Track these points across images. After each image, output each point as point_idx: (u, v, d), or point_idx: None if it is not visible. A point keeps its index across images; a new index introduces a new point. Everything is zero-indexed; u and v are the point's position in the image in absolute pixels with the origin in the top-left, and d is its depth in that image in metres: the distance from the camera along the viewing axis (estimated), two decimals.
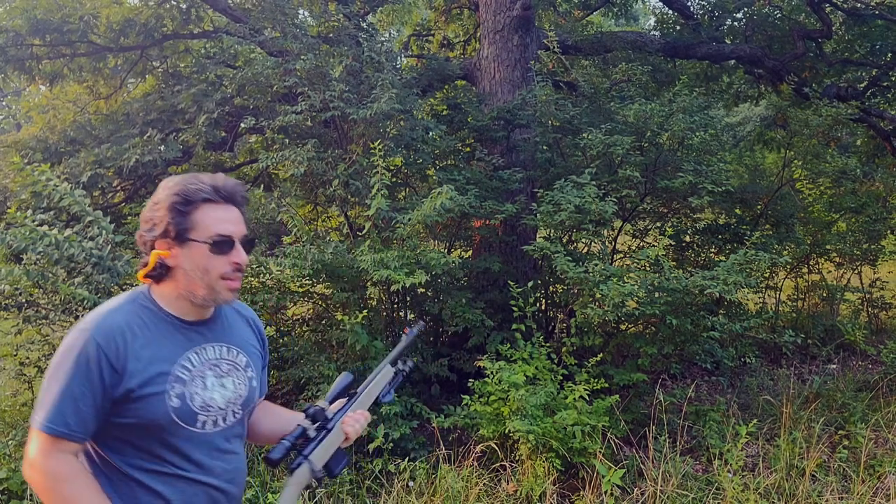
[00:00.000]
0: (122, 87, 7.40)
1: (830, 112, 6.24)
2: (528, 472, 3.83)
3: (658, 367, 5.28)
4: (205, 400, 1.57)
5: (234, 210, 1.59)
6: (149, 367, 1.50)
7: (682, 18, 8.75)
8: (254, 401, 1.72)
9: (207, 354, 1.61)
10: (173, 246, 1.53)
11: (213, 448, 1.60)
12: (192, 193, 1.52)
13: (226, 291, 1.57)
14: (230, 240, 1.55)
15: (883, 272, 8.35)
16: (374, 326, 4.77)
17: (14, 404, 5.22)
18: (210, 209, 1.54)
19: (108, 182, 5.53)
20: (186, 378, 1.55)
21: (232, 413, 1.63)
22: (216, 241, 1.53)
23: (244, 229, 1.60)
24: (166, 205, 1.52)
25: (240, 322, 1.76)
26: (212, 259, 1.54)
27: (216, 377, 1.60)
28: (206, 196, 1.53)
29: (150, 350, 1.52)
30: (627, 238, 6.47)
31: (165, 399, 1.50)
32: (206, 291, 1.56)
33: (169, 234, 1.52)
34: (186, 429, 1.54)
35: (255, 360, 1.74)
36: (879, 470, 4.05)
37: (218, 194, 1.55)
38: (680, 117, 5.34)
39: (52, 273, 4.02)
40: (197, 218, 1.53)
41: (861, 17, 8.33)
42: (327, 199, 5.29)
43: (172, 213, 1.52)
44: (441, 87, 7.59)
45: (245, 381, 1.67)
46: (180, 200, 1.52)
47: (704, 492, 3.79)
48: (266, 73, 5.00)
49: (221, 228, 1.54)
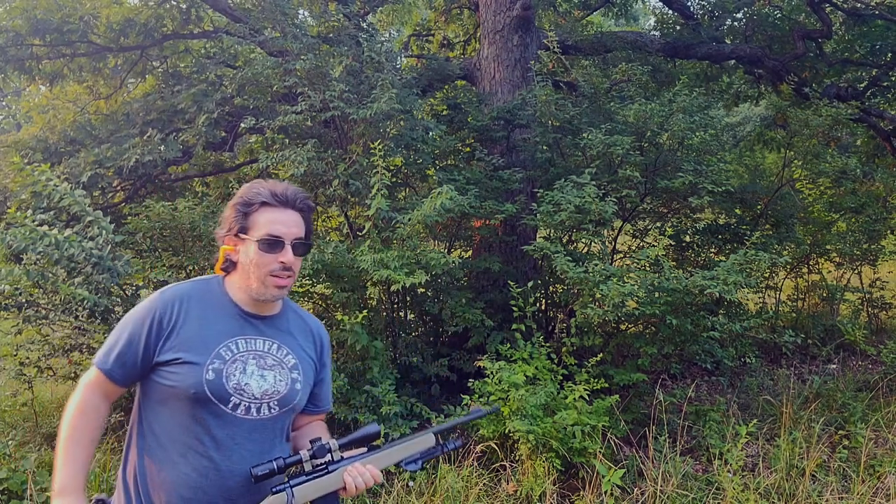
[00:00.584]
0: (122, 87, 7.40)
1: (830, 112, 6.24)
2: (528, 472, 3.83)
3: (658, 367, 5.28)
4: (240, 383, 1.66)
5: (291, 214, 1.73)
6: (196, 336, 1.66)
7: (682, 18, 8.75)
8: (293, 402, 1.75)
9: (256, 345, 1.72)
10: (236, 243, 1.72)
11: (241, 434, 1.66)
12: (252, 197, 1.71)
13: (273, 288, 1.70)
14: (279, 240, 1.69)
15: (883, 272, 8.35)
16: (374, 326, 4.77)
17: (14, 404, 5.22)
18: (267, 212, 1.70)
19: (108, 182, 5.53)
20: (227, 357, 1.67)
21: (267, 406, 1.70)
22: (265, 239, 1.68)
23: (298, 232, 1.73)
24: (232, 207, 1.73)
25: (302, 329, 1.85)
26: (262, 256, 1.68)
27: (258, 367, 1.70)
28: (263, 199, 1.70)
29: (202, 323, 1.68)
30: (627, 238, 6.47)
31: (202, 370, 1.62)
32: (257, 285, 1.70)
33: (232, 232, 1.72)
34: (218, 406, 1.63)
35: (306, 367, 1.80)
36: (879, 470, 4.05)
37: (275, 198, 1.71)
38: (680, 117, 5.34)
39: (52, 273, 4.02)
40: (255, 219, 1.70)
41: (861, 17, 8.33)
42: (327, 199, 5.29)
43: (235, 214, 1.72)
44: (441, 87, 7.59)
45: (287, 380, 1.74)
46: (242, 202, 1.72)
47: (704, 492, 3.79)
48: (266, 73, 5.00)
49: (272, 229, 1.69)
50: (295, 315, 1.86)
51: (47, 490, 3.60)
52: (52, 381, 5.28)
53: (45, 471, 3.95)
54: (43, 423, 5.00)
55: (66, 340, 4.85)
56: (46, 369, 4.94)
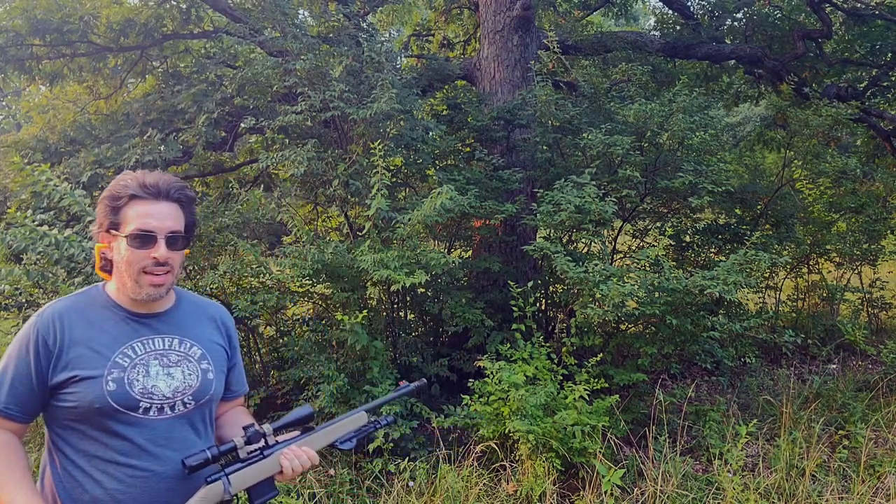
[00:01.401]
0: (122, 87, 7.40)
1: (830, 112, 6.24)
2: (528, 472, 3.83)
3: (658, 367, 5.28)
4: (146, 387, 1.60)
5: (165, 205, 1.63)
6: (86, 351, 1.57)
7: (682, 18, 8.75)
8: (209, 392, 1.71)
9: (154, 345, 1.65)
10: (109, 240, 1.63)
11: (160, 435, 1.61)
12: (119, 190, 1.61)
13: (148, 286, 1.61)
14: (150, 234, 1.60)
15: (883, 272, 8.35)
16: (374, 326, 4.77)
17: None
18: (137, 205, 1.61)
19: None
20: (126, 364, 1.59)
21: (181, 403, 1.65)
22: (134, 234, 1.59)
23: (173, 225, 1.63)
24: (101, 202, 1.63)
25: (202, 318, 1.79)
26: (133, 252, 1.59)
27: (162, 366, 1.64)
28: (132, 192, 1.60)
29: (89, 336, 1.59)
30: (627, 238, 6.47)
31: (102, 383, 1.55)
32: (131, 284, 1.61)
33: (103, 228, 1.63)
34: (128, 414, 1.57)
35: (216, 355, 1.76)
36: (879, 470, 4.05)
37: (144, 190, 1.61)
38: (680, 117, 5.34)
39: (52, 273, 4.02)
40: (125, 214, 1.60)
41: (861, 17, 8.33)
42: (327, 199, 5.29)
43: (105, 209, 1.62)
44: (441, 87, 7.59)
45: (198, 372, 1.69)
46: (109, 196, 1.62)
47: (704, 492, 3.79)
48: (266, 73, 5.00)
49: (142, 223, 1.59)
50: (191, 305, 1.79)
51: None
52: None
53: None
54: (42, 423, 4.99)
55: None
56: None
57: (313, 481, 3.81)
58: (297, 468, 1.64)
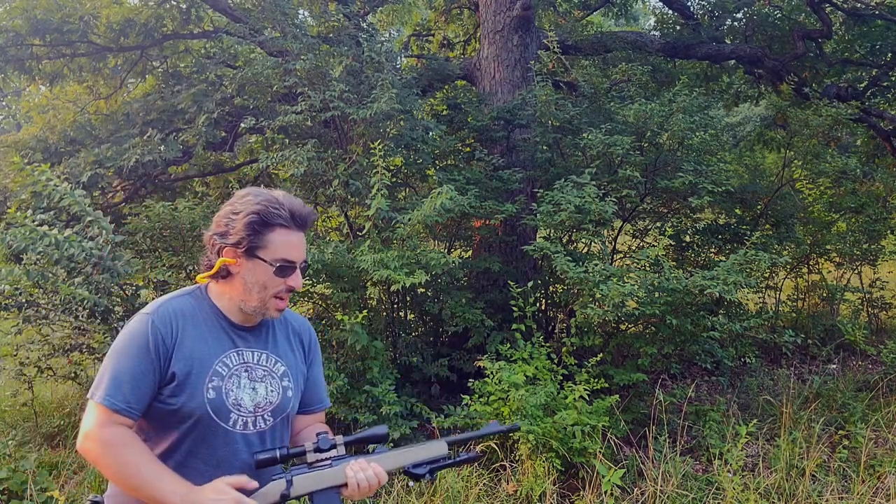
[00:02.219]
0: (122, 87, 7.40)
1: (830, 112, 6.24)
2: (528, 472, 3.83)
3: (658, 367, 5.28)
4: (237, 398, 1.62)
5: (302, 236, 1.67)
6: (194, 354, 1.59)
7: (682, 18, 8.75)
8: (286, 410, 1.72)
9: (245, 357, 1.67)
10: (241, 257, 1.61)
11: (240, 449, 1.62)
12: (271, 217, 1.60)
13: (274, 310, 1.66)
14: (293, 265, 1.64)
15: (883, 272, 8.35)
16: (374, 326, 4.77)
17: (14, 404, 5.22)
18: (283, 233, 1.62)
19: (108, 182, 5.53)
20: (224, 373, 1.62)
21: (261, 419, 1.66)
22: (281, 265, 1.61)
23: (304, 255, 1.68)
24: (245, 220, 1.59)
25: (287, 332, 1.80)
26: (272, 279, 1.62)
27: (249, 380, 1.65)
28: (282, 222, 1.61)
29: (198, 339, 1.61)
30: (627, 238, 6.47)
31: (203, 389, 1.57)
32: (257, 304, 1.64)
33: (240, 246, 1.60)
34: (220, 425, 1.59)
35: (296, 372, 1.76)
36: (879, 470, 4.05)
37: (294, 221, 1.63)
38: (680, 117, 5.34)
39: (52, 273, 4.02)
40: (269, 239, 1.60)
41: (861, 17, 8.33)
42: (327, 199, 5.29)
43: (249, 230, 1.59)
44: (441, 87, 7.59)
45: (279, 389, 1.70)
46: (259, 220, 1.59)
47: (704, 492, 3.79)
48: (266, 73, 5.00)
49: (288, 254, 1.62)
50: (279, 319, 1.79)
51: (47, 490, 3.60)
52: (52, 381, 5.28)
53: (45, 471, 3.95)
54: (43, 423, 5.00)
55: (66, 340, 4.85)
56: (46, 369, 4.95)
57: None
58: (362, 483, 1.58)
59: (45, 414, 5.24)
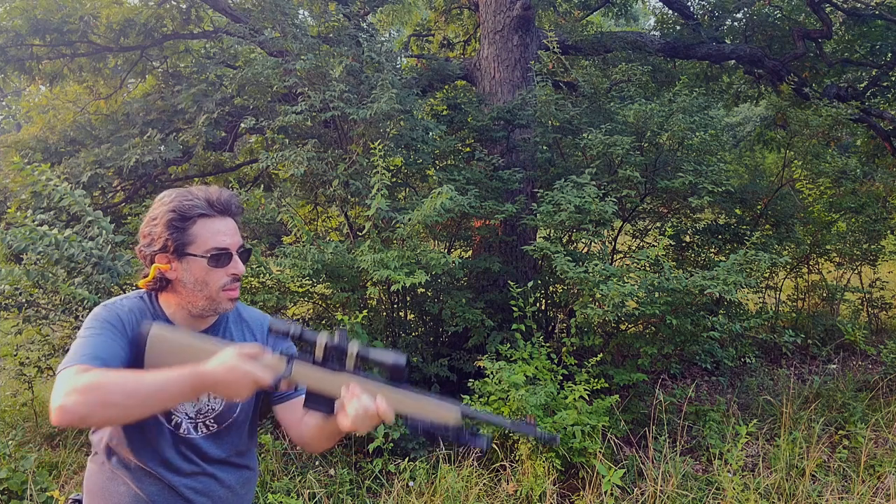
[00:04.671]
0: (122, 87, 7.40)
1: (830, 112, 6.24)
2: (528, 472, 3.83)
3: (658, 367, 5.28)
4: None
5: (230, 221, 1.61)
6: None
7: (682, 18, 8.74)
8: (232, 416, 1.66)
9: None
10: (172, 260, 1.57)
11: (188, 450, 1.60)
12: (187, 209, 1.55)
13: (226, 301, 1.61)
14: (227, 252, 1.58)
15: (883, 272, 8.36)
16: (374, 326, 4.77)
17: (14, 404, 5.22)
18: (206, 223, 1.57)
19: (108, 182, 5.54)
20: None
21: (204, 425, 1.63)
22: (214, 254, 1.56)
23: (240, 239, 1.62)
24: (163, 221, 1.55)
25: (243, 330, 1.73)
26: (210, 272, 1.57)
27: None
28: (201, 211, 1.56)
29: None
30: (627, 238, 6.47)
31: None
32: (206, 302, 1.59)
33: (168, 250, 1.55)
34: (163, 425, 1.58)
35: None
36: (879, 470, 4.05)
37: (212, 208, 1.57)
38: (680, 117, 5.34)
39: (52, 273, 4.02)
40: (194, 233, 1.55)
41: (861, 17, 8.33)
42: (327, 199, 5.29)
43: (170, 230, 1.55)
44: (441, 87, 7.59)
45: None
46: (176, 217, 1.55)
47: (704, 492, 3.79)
48: (266, 73, 5.00)
49: (218, 241, 1.57)
50: (234, 317, 1.73)
51: (47, 490, 3.60)
52: (52, 380, 5.27)
53: (44, 471, 3.95)
54: (43, 423, 5.00)
55: (66, 340, 4.86)
56: (46, 369, 4.95)
57: (313, 481, 3.81)
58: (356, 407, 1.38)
59: (45, 414, 5.24)
